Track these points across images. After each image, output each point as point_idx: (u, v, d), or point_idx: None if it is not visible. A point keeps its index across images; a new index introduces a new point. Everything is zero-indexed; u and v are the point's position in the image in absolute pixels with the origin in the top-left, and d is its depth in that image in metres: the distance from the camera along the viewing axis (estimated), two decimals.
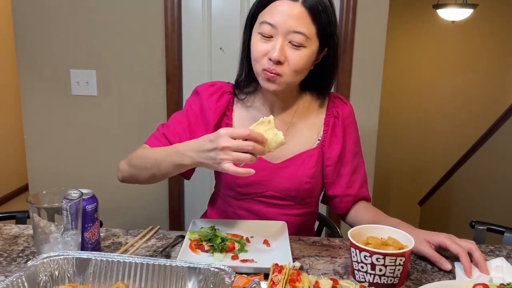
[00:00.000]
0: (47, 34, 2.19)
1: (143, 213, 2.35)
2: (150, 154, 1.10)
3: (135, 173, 1.15)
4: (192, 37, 2.24)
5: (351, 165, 1.25)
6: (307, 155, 1.21)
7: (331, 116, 1.24)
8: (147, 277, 0.81)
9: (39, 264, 0.79)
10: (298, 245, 1.09)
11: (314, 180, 1.22)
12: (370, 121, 2.19)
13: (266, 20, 1.05)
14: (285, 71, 1.07)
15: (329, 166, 1.23)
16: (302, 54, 1.06)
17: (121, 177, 1.21)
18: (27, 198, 0.88)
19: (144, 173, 1.12)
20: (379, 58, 2.15)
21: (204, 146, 0.95)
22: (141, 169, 1.12)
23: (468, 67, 4.89)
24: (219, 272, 0.79)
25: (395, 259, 0.86)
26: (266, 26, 1.05)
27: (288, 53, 1.05)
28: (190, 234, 1.05)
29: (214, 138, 0.92)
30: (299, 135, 1.23)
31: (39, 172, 2.34)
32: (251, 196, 1.22)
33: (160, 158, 1.05)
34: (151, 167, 1.09)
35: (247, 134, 0.90)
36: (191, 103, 1.25)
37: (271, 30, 1.05)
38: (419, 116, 5.13)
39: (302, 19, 1.04)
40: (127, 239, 1.10)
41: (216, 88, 1.24)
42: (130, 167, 1.16)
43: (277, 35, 1.05)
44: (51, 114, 2.28)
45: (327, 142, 1.23)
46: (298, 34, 1.04)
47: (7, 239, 1.08)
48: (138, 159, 1.14)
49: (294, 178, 1.19)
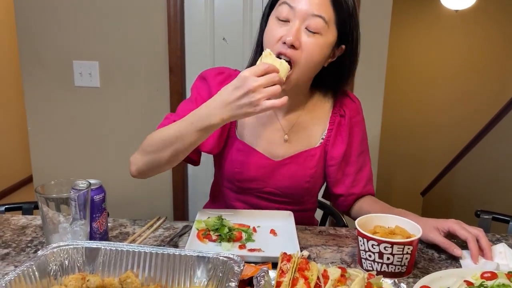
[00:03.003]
0: (49, 25, 2.18)
1: (147, 204, 2.36)
2: (168, 131, 1.02)
3: (154, 158, 1.05)
4: (195, 28, 2.23)
5: (357, 164, 1.22)
6: (309, 154, 1.19)
7: (337, 114, 1.21)
8: (156, 266, 0.81)
9: (49, 253, 0.79)
10: (305, 235, 1.10)
11: (314, 180, 1.21)
12: (374, 113, 2.19)
13: (286, 1, 1.02)
14: (298, 58, 1.03)
15: (332, 166, 1.21)
16: (317, 41, 1.03)
17: (134, 170, 1.11)
18: (36, 188, 0.88)
19: (166, 153, 1.02)
20: (383, 49, 2.14)
21: (231, 97, 0.90)
22: (160, 150, 1.03)
23: (471, 58, 4.87)
24: (228, 261, 0.79)
25: (402, 248, 0.87)
26: (285, 7, 1.02)
27: (303, 38, 1.02)
28: (197, 224, 1.06)
29: (240, 83, 0.89)
30: (303, 133, 1.20)
31: (43, 163, 2.35)
32: (250, 191, 1.21)
33: (182, 129, 0.98)
34: (173, 143, 1.00)
35: (266, 67, 0.89)
36: (199, 90, 1.20)
37: (289, 12, 1.02)
38: (422, 107, 5.11)
39: (323, 3, 1.01)
40: (134, 229, 1.10)
41: (225, 76, 1.19)
42: (146, 154, 1.07)
43: (294, 19, 1.01)
44: (54, 106, 2.28)
45: (331, 141, 1.20)
46: (316, 18, 1.01)
47: (15, 230, 1.09)
48: (154, 142, 1.05)
49: (294, 177, 1.18)
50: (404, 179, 5.27)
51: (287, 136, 1.19)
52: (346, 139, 1.20)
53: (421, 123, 5.15)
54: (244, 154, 1.18)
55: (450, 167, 4.28)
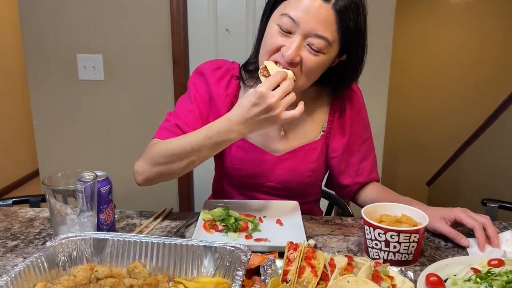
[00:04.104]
0: (52, 18, 2.18)
1: (153, 197, 2.36)
2: (181, 143, 0.99)
3: (166, 169, 1.03)
4: (198, 19, 2.22)
5: (360, 153, 1.21)
6: (310, 147, 1.18)
7: (337, 106, 1.19)
8: (163, 256, 0.82)
9: (57, 244, 0.80)
10: (311, 224, 1.10)
11: (316, 173, 1.21)
12: (379, 102, 2.17)
13: (289, 14, 0.95)
14: (297, 73, 0.98)
15: (334, 158, 1.20)
16: (318, 60, 0.98)
17: (142, 180, 1.08)
18: (43, 180, 0.88)
19: (180, 164, 1.01)
20: (387, 38, 2.12)
21: (250, 113, 0.89)
22: (174, 161, 1.01)
23: (477, 46, 4.81)
24: (235, 250, 0.79)
25: (409, 236, 0.86)
26: (287, 19, 0.95)
27: (303, 54, 0.97)
28: (203, 215, 1.06)
29: (258, 100, 0.88)
30: (302, 127, 1.18)
31: (49, 157, 2.36)
32: (252, 186, 1.21)
33: (198, 143, 0.96)
34: (188, 155, 0.99)
35: (279, 78, 0.89)
36: (197, 86, 1.17)
37: (292, 25, 0.95)
38: (427, 97, 5.08)
39: (328, 24, 0.94)
40: (141, 221, 1.11)
41: (223, 71, 1.16)
42: (157, 165, 1.04)
43: (296, 33, 0.95)
44: (60, 100, 2.29)
45: (331, 133, 1.19)
46: (319, 39, 0.95)
47: (23, 222, 1.10)
48: (167, 154, 1.01)
49: (295, 171, 1.17)
50: (409, 170, 5.25)
51: (283, 131, 1.17)
52: (348, 130, 1.18)
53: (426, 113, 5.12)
54: (244, 151, 1.17)
55: (456, 156, 4.26)
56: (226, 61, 1.20)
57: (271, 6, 1.03)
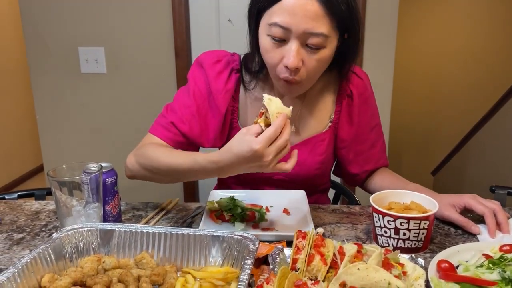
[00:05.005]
0: (53, 11, 2.16)
1: (158, 188, 2.35)
2: (169, 163, 0.98)
3: (153, 177, 1.05)
4: (200, 10, 2.20)
5: (368, 141, 1.20)
6: (318, 139, 1.16)
7: (343, 95, 1.16)
8: (171, 246, 0.81)
9: (63, 236, 0.80)
10: (318, 213, 1.09)
11: (324, 165, 1.19)
12: (383, 90, 2.15)
13: (277, 22, 0.91)
14: (304, 76, 0.97)
15: (343, 148, 1.19)
16: (321, 56, 0.95)
17: (130, 176, 1.10)
18: (48, 172, 0.87)
19: (165, 179, 1.04)
20: (392, 24, 2.09)
21: (241, 164, 0.86)
22: (161, 174, 1.02)
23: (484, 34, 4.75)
24: (243, 240, 0.79)
25: (419, 223, 0.85)
26: (277, 29, 0.91)
27: (305, 56, 0.94)
28: (209, 205, 1.05)
29: (252, 157, 0.83)
30: (309, 119, 1.16)
31: (53, 151, 2.36)
32: (259, 179, 1.20)
33: (184, 170, 0.96)
34: (174, 175, 1.00)
35: (276, 131, 0.83)
36: (196, 81, 1.14)
37: (283, 33, 0.92)
38: (432, 86, 5.03)
39: (319, 18, 0.90)
40: (147, 212, 1.10)
41: (223, 65, 1.13)
42: (145, 169, 1.05)
43: (291, 39, 0.92)
44: (62, 93, 2.28)
45: (340, 123, 1.17)
46: (316, 37, 0.91)
47: (29, 215, 1.09)
48: (154, 164, 1.01)
49: (304, 164, 1.15)
50: (414, 159, 5.23)
51: (294, 127, 1.15)
52: (356, 119, 1.16)
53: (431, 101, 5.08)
54: None
55: (461, 145, 4.23)
56: (226, 52, 1.17)
57: (255, 18, 0.99)
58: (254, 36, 1.02)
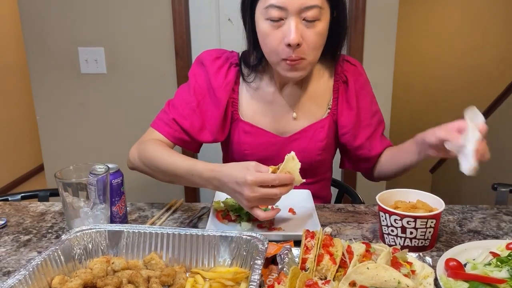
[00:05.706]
0: (52, 11, 2.15)
1: (159, 187, 2.35)
2: (168, 164, 1.03)
3: (152, 173, 1.10)
4: (200, 9, 2.19)
5: (371, 127, 1.21)
6: (318, 126, 1.18)
7: (339, 81, 1.19)
8: (179, 247, 0.82)
9: (72, 237, 0.80)
10: (324, 213, 1.09)
11: (325, 152, 1.21)
12: (384, 86, 2.15)
13: (273, 3, 0.97)
14: (306, 52, 1.01)
15: (345, 134, 1.20)
16: (318, 29, 1.00)
17: (131, 167, 1.16)
18: (55, 174, 0.87)
19: (164, 178, 1.09)
20: (392, 20, 2.09)
21: (229, 184, 0.91)
22: (160, 173, 1.07)
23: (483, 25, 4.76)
24: (251, 240, 0.79)
25: (426, 222, 0.86)
26: (273, 10, 0.97)
27: (303, 32, 0.99)
28: (215, 205, 1.06)
29: (241, 182, 0.88)
30: (308, 106, 1.19)
31: (53, 151, 2.35)
32: None
33: (181, 173, 1.01)
34: (170, 176, 1.05)
35: (274, 180, 0.87)
36: (196, 77, 1.18)
37: (280, 12, 0.97)
38: (431, 81, 5.04)
39: None
40: (153, 212, 1.10)
41: (222, 61, 1.17)
42: (145, 165, 1.10)
43: (288, 16, 0.98)
44: (62, 94, 2.27)
45: (338, 110, 1.19)
46: (311, 9, 0.97)
47: (34, 217, 1.09)
48: (155, 162, 1.06)
49: (305, 151, 1.17)
50: None
51: (296, 113, 1.18)
52: (354, 105, 1.18)
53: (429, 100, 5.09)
54: (252, 135, 1.17)
55: None
56: (225, 50, 1.22)
57: (249, 7, 1.04)
58: (250, 28, 1.07)
